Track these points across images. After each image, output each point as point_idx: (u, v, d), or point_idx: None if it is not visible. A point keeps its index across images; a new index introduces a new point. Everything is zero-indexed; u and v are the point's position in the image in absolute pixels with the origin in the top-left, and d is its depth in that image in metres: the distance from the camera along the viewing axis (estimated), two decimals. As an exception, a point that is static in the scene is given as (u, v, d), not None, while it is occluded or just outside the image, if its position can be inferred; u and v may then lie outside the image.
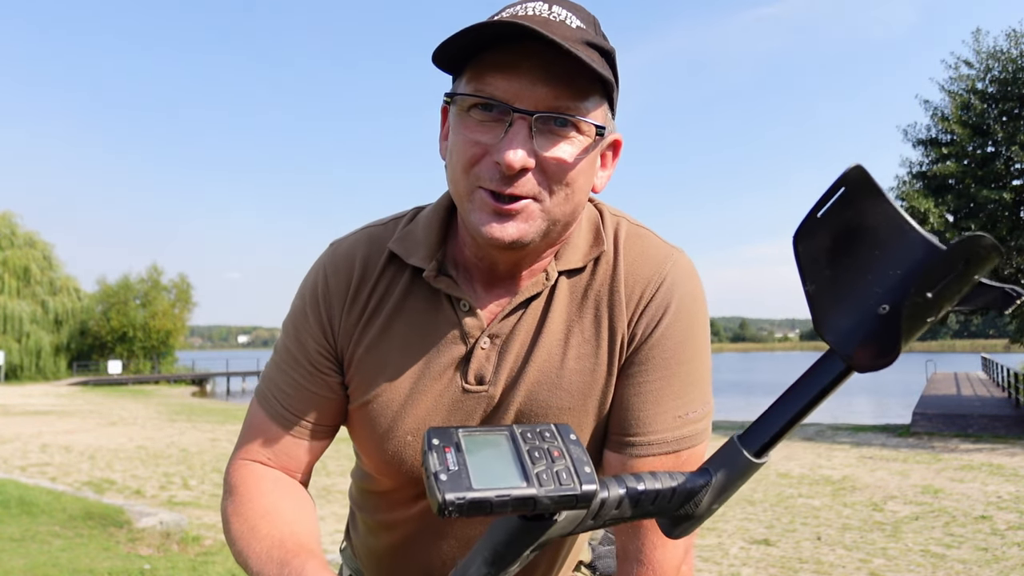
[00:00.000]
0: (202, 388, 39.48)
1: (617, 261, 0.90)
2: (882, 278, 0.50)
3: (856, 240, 0.51)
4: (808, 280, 0.54)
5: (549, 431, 0.60)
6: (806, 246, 0.53)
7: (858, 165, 0.50)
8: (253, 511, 0.88)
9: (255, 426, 0.95)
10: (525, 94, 0.77)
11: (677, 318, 0.88)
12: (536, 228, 0.81)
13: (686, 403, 0.86)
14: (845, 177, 0.51)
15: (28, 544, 5.09)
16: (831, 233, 0.52)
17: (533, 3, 0.81)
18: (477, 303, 0.89)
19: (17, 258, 41.62)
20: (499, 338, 0.89)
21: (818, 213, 0.52)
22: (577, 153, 0.80)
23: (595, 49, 0.80)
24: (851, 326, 0.51)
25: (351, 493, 1.12)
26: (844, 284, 0.52)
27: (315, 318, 0.93)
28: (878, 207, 0.50)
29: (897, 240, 0.49)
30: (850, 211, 0.51)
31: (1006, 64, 17.27)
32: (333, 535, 5.75)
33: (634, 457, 0.86)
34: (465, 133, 0.80)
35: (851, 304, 0.52)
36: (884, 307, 0.50)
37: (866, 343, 0.51)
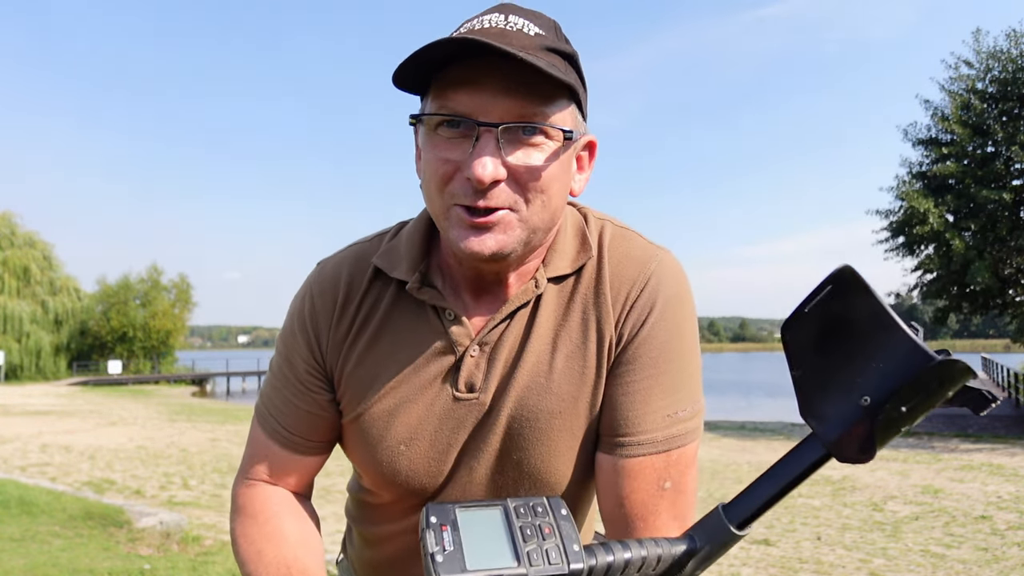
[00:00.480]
0: (202, 388, 39.52)
1: (602, 263, 0.90)
2: (865, 371, 0.52)
3: (842, 333, 0.54)
4: (795, 366, 0.57)
5: (541, 506, 0.63)
6: (794, 336, 0.57)
7: (847, 265, 0.53)
8: (260, 535, 0.92)
9: (255, 444, 0.98)
10: (489, 107, 0.78)
11: (663, 317, 0.88)
12: (515, 238, 0.81)
13: (675, 402, 0.86)
14: (834, 276, 0.53)
15: (28, 544, 5.10)
16: (818, 325, 0.55)
17: (489, 15, 0.82)
18: (465, 312, 0.90)
19: (17, 258, 41.65)
20: (488, 345, 0.89)
21: (806, 308, 0.55)
22: (547, 158, 0.80)
23: (556, 54, 0.80)
24: (834, 415, 0.54)
25: (347, 507, 1.13)
26: (829, 373, 0.55)
27: (303, 338, 0.94)
28: (865, 304, 0.52)
29: (882, 336, 0.51)
30: (838, 306, 0.54)
31: (1006, 64, 17.29)
32: (333, 535, 5.75)
33: (625, 458, 0.86)
34: (435, 152, 0.81)
35: (835, 393, 0.54)
36: (866, 399, 0.52)
37: (847, 434, 0.53)
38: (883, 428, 0.51)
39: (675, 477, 0.86)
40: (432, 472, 0.91)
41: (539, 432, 0.88)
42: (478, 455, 0.90)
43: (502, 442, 0.89)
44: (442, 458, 0.90)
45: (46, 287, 43.67)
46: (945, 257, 17.91)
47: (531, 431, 0.88)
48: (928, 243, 18.52)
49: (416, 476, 0.91)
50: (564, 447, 0.89)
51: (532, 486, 0.91)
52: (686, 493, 0.87)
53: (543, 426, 0.88)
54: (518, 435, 0.89)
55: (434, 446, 0.90)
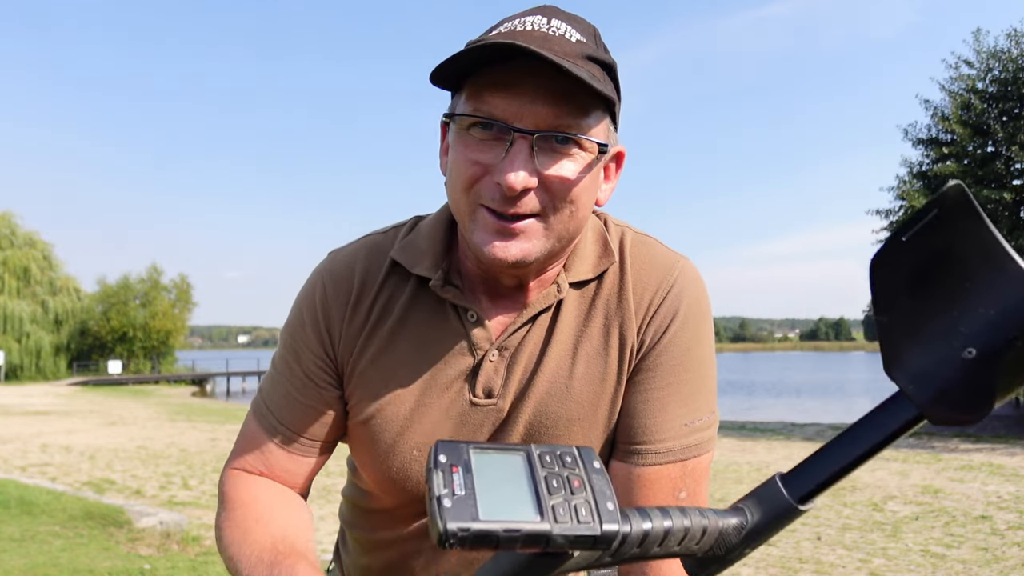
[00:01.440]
0: (202, 388, 39.44)
1: (624, 270, 0.89)
2: (971, 316, 0.43)
3: (944, 270, 0.44)
4: (882, 310, 0.47)
5: (571, 455, 0.54)
6: (884, 273, 0.47)
7: (958, 183, 0.44)
8: (246, 517, 0.86)
9: (250, 439, 0.93)
10: (525, 113, 0.76)
11: (685, 325, 0.87)
12: (540, 247, 0.80)
13: (693, 411, 0.85)
14: (942, 197, 0.44)
15: (28, 544, 5.09)
16: (916, 260, 0.45)
17: (531, 17, 0.79)
18: (484, 315, 0.88)
19: (17, 258, 41.63)
20: (507, 351, 0.87)
21: (904, 236, 0.46)
22: (580, 170, 0.79)
23: (596, 63, 0.78)
24: (929, 369, 0.45)
25: (342, 512, 1.10)
26: (925, 319, 0.45)
27: (313, 329, 0.91)
28: (975, 233, 0.43)
29: (994, 273, 0.42)
30: (942, 236, 0.44)
31: (1006, 64, 17.27)
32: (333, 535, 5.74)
33: (640, 466, 0.84)
34: (465, 152, 0.79)
35: (931, 343, 0.45)
36: (970, 351, 0.43)
37: (946, 390, 0.44)
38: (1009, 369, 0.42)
39: (691, 487, 0.85)
40: None
41: (556, 439, 0.87)
42: None
43: None
44: None
45: (46, 287, 43.67)
46: (945, 257, 17.87)
47: (548, 438, 0.87)
48: (928, 243, 18.47)
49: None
50: None
51: None
52: (700, 503, 0.86)
53: (561, 433, 0.86)
54: (535, 442, 0.87)
55: None
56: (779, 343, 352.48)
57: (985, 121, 17.41)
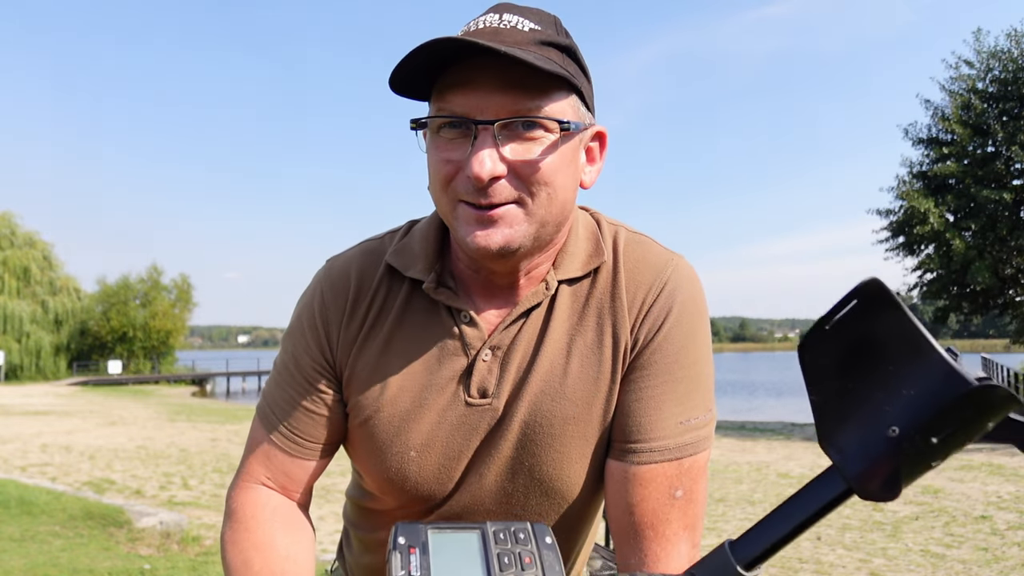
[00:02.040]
0: (202, 388, 39.47)
1: (617, 268, 0.90)
2: (894, 398, 0.46)
3: (867, 354, 0.48)
4: (814, 391, 0.51)
5: (524, 531, 0.58)
6: (812, 356, 0.51)
7: (874, 278, 0.48)
8: (248, 542, 0.88)
9: (255, 445, 0.95)
10: (485, 105, 0.78)
11: (679, 323, 0.87)
12: (523, 232, 0.81)
13: (688, 409, 0.85)
14: (859, 290, 0.48)
15: (28, 544, 5.09)
16: (840, 345, 0.49)
17: (485, 16, 0.83)
18: (477, 315, 0.89)
19: (17, 258, 41.62)
20: (500, 349, 0.88)
21: (826, 325, 0.49)
22: (545, 150, 0.80)
23: (552, 47, 0.80)
24: (857, 446, 0.48)
25: (345, 511, 1.11)
26: (852, 399, 0.49)
27: (312, 335, 0.92)
28: (894, 321, 0.47)
29: (913, 358, 0.46)
30: (862, 324, 0.48)
31: (1006, 64, 17.28)
32: (333, 535, 5.75)
33: (636, 464, 0.85)
34: (437, 153, 0.81)
35: (859, 422, 0.48)
36: (894, 429, 0.46)
37: (872, 467, 0.47)
38: (910, 462, 0.45)
39: (687, 486, 0.85)
40: (442, 479, 0.90)
41: (552, 438, 0.87)
42: (489, 462, 0.89)
43: (514, 448, 0.88)
44: (453, 465, 0.89)
45: (46, 287, 43.65)
46: (945, 257, 17.91)
47: (544, 437, 0.87)
48: (928, 243, 18.51)
49: (425, 483, 0.90)
50: (576, 453, 0.88)
51: (542, 492, 0.89)
52: (697, 502, 0.86)
53: (556, 432, 0.87)
54: (531, 441, 0.87)
55: (446, 453, 0.89)
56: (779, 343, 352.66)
57: (985, 121, 17.41)
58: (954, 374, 0.44)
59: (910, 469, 0.46)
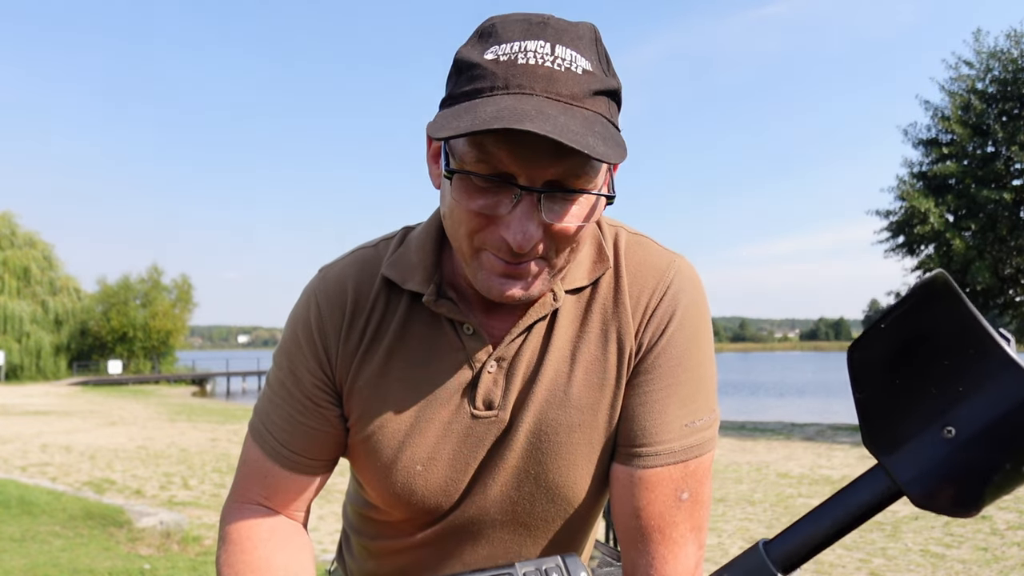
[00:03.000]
0: (202, 388, 39.45)
1: (619, 272, 0.89)
2: (950, 394, 0.42)
3: (925, 350, 0.44)
4: (860, 388, 0.47)
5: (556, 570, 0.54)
6: (863, 355, 0.47)
7: (941, 272, 0.44)
8: (244, 564, 0.86)
9: (250, 464, 0.92)
10: (533, 167, 0.72)
11: (682, 325, 0.86)
12: (542, 285, 0.81)
13: (693, 411, 0.85)
14: (925, 285, 0.44)
15: (28, 544, 5.09)
16: (896, 340, 0.45)
17: (534, 44, 0.73)
18: (480, 327, 0.87)
19: (17, 258, 41.61)
20: (505, 361, 0.87)
21: (883, 323, 0.45)
22: (584, 216, 0.78)
23: (603, 96, 0.74)
24: (908, 445, 0.44)
25: (346, 515, 1.09)
26: (904, 395, 0.45)
27: (310, 349, 0.89)
28: (959, 317, 0.43)
29: (973, 354, 0.42)
30: (923, 319, 0.44)
31: (1006, 64, 17.28)
32: (333, 535, 5.75)
33: (641, 468, 0.84)
34: (466, 201, 0.75)
35: (910, 419, 0.44)
36: (950, 430, 0.42)
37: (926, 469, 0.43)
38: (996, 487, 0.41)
39: (693, 487, 0.84)
40: (448, 491, 0.89)
41: (558, 446, 0.86)
42: (495, 472, 0.88)
43: (521, 458, 0.87)
44: (459, 477, 0.88)
45: (46, 287, 43.64)
46: (945, 257, 17.90)
47: (550, 445, 0.86)
48: (928, 243, 18.50)
49: (432, 496, 0.89)
50: (583, 460, 0.87)
51: (548, 499, 0.89)
52: (703, 504, 0.85)
53: (563, 440, 0.86)
54: (537, 450, 0.87)
55: (452, 466, 0.88)
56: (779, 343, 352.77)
57: (985, 121, 17.41)
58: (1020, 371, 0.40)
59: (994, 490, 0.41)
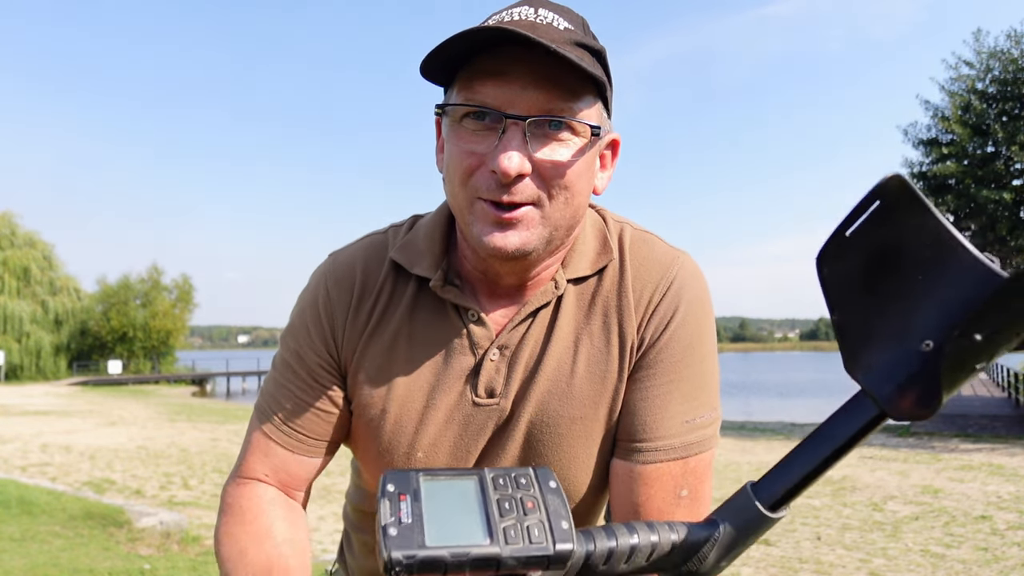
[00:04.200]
0: (202, 388, 39.46)
1: (623, 266, 0.89)
2: (925, 308, 0.41)
3: (894, 262, 0.43)
4: (835, 309, 0.46)
5: (526, 476, 0.54)
6: (832, 269, 0.46)
7: (896, 174, 0.43)
8: (245, 533, 0.86)
9: (254, 442, 0.92)
10: (516, 99, 0.76)
11: (685, 321, 0.87)
12: (538, 235, 0.80)
13: (694, 408, 0.85)
14: (881, 188, 0.43)
15: (28, 544, 5.09)
16: (863, 254, 0.44)
17: (519, 8, 0.80)
18: (484, 314, 0.88)
19: (17, 258, 41.61)
20: (508, 349, 0.87)
21: (847, 231, 0.44)
22: (573, 154, 0.79)
23: (584, 49, 0.79)
24: (888, 365, 0.43)
25: (346, 514, 1.10)
26: (879, 314, 0.44)
27: (317, 330, 0.90)
28: (921, 223, 0.42)
29: (945, 262, 0.41)
30: (886, 228, 0.43)
31: (1006, 64, 17.27)
32: (333, 535, 5.75)
33: (641, 464, 0.84)
34: (459, 144, 0.79)
35: (888, 338, 0.43)
36: (927, 343, 0.41)
37: (906, 386, 0.43)
38: (951, 366, 0.40)
39: (692, 485, 0.84)
40: None
41: (559, 437, 0.87)
42: (496, 461, 0.88)
43: (521, 448, 0.88)
44: (459, 465, 0.89)
45: (46, 287, 43.64)
46: (945, 257, 17.87)
47: (551, 437, 0.87)
48: (928, 243, 18.49)
49: None
50: (583, 452, 0.87)
51: None
52: (703, 502, 0.85)
53: (563, 431, 0.86)
54: (537, 441, 0.87)
55: (453, 453, 0.88)
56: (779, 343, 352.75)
57: (985, 121, 17.40)
58: (987, 269, 0.39)
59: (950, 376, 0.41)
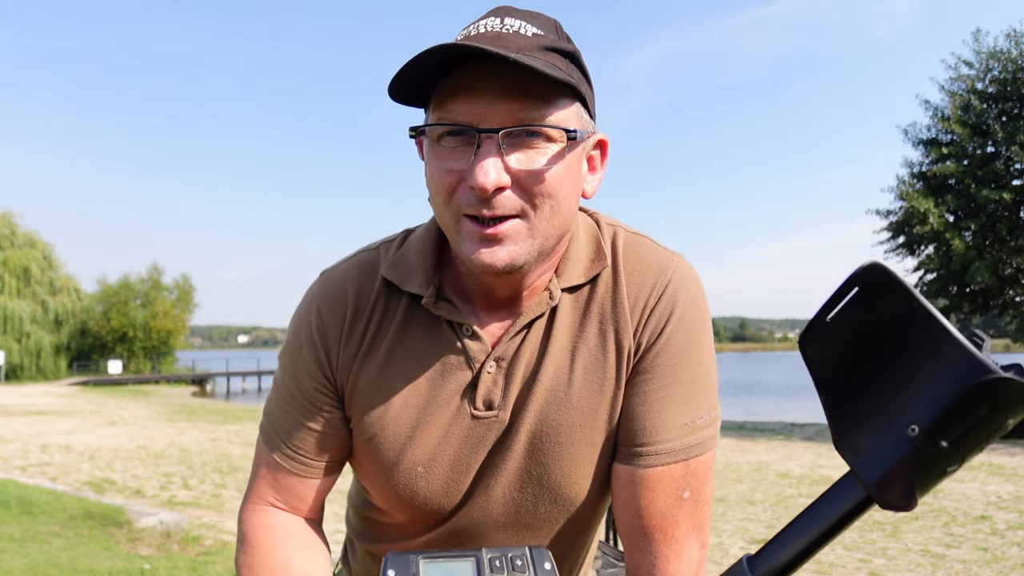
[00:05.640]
0: (202, 388, 39.46)
1: (617, 271, 0.89)
2: (911, 393, 0.41)
3: (877, 346, 0.43)
4: (822, 389, 0.47)
5: (522, 558, 0.55)
6: (816, 352, 0.47)
7: (875, 262, 0.43)
8: (262, 567, 0.87)
9: (262, 466, 0.94)
10: (488, 113, 0.76)
11: (681, 324, 0.86)
12: (527, 248, 0.79)
13: (693, 410, 0.85)
14: (859, 275, 0.43)
15: (28, 544, 5.09)
16: (845, 338, 0.44)
17: (486, 20, 0.80)
18: (479, 327, 0.88)
19: (17, 258, 41.60)
20: (504, 360, 0.87)
21: (827, 316, 0.45)
22: (550, 159, 0.78)
23: (555, 52, 0.78)
24: (875, 449, 0.43)
25: (348, 519, 1.10)
26: (865, 397, 0.44)
27: (311, 353, 0.90)
28: (903, 307, 0.41)
29: (927, 346, 0.40)
30: (867, 313, 0.43)
31: (1006, 64, 17.27)
32: (333, 535, 5.75)
33: (643, 468, 0.84)
34: (438, 163, 0.79)
35: (874, 421, 0.43)
36: (913, 428, 0.41)
37: (893, 471, 0.42)
38: (922, 469, 0.40)
39: (694, 486, 0.84)
40: (450, 493, 0.89)
41: (559, 446, 0.86)
42: (497, 473, 0.88)
43: (522, 459, 0.87)
44: (461, 479, 0.88)
45: (46, 287, 43.64)
46: (945, 257, 17.90)
47: (551, 446, 0.86)
48: (928, 243, 18.50)
49: (434, 498, 0.89)
50: (584, 460, 0.87)
51: (551, 500, 0.89)
52: (705, 502, 0.86)
53: (563, 440, 0.86)
54: (538, 451, 0.87)
55: (453, 467, 0.88)
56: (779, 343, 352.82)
57: (985, 121, 17.40)
58: (970, 360, 0.39)
59: (924, 476, 0.41)
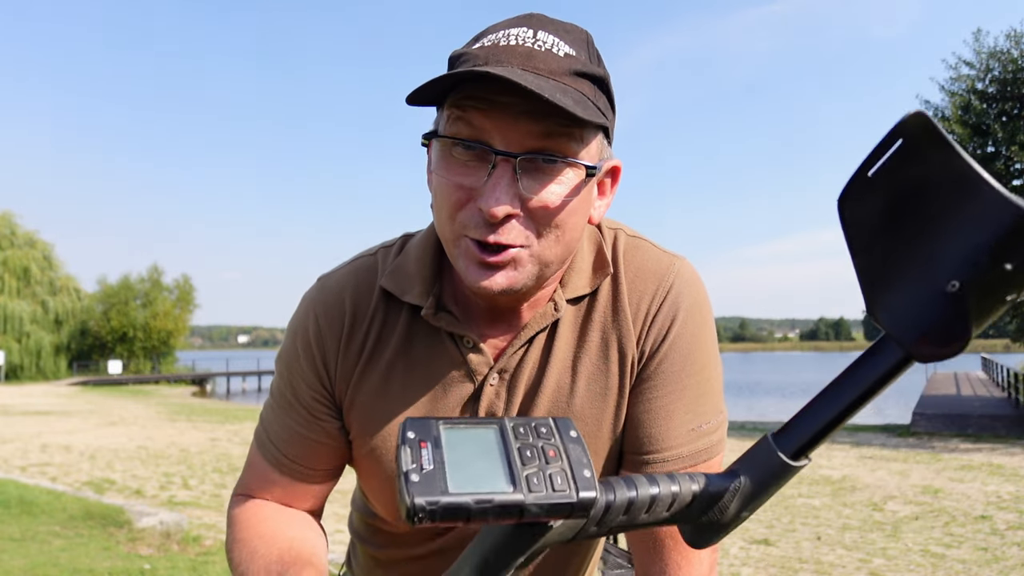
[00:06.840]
0: (202, 388, 39.43)
1: (618, 278, 0.87)
2: (950, 248, 0.40)
3: (918, 202, 0.42)
4: (857, 251, 0.45)
5: (546, 426, 0.53)
6: (854, 211, 0.44)
7: (919, 111, 0.41)
8: (253, 535, 0.85)
9: (255, 470, 0.92)
10: (509, 131, 0.71)
11: (684, 329, 0.85)
12: (526, 275, 0.77)
13: (699, 415, 0.84)
14: (903, 126, 0.41)
15: (28, 544, 5.10)
16: (886, 194, 0.43)
17: (516, 29, 0.75)
18: (480, 339, 0.86)
19: (17, 258, 41.62)
20: (507, 373, 0.86)
21: (869, 171, 0.43)
22: (566, 193, 0.75)
23: (586, 78, 0.75)
24: (913, 307, 0.42)
25: (351, 523, 1.09)
26: (903, 256, 0.43)
27: (308, 363, 0.88)
28: (945, 161, 0.40)
29: (971, 201, 0.39)
30: (910, 167, 0.42)
31: (1006, 64, 17.27)
32: (333, 535, 5.75)
33: None
34: (448, 176, 0.75)
35: (912, 280, 0.42)
36: (954, 284, 0.40)
37: (932, 328, 0.41)
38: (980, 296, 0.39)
39: None
40: None
41: None
42: None
43: None
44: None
45: (46, 287, 43.66)
46: (945, 257, 17.88)
47: None
48: (928, 243, 18.49)
49: None
50: None
51: None
52: None
53: None
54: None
55: None
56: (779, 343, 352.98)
57: (985, 121, 17.40)
58: (1011, 204, 0.38)
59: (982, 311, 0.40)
